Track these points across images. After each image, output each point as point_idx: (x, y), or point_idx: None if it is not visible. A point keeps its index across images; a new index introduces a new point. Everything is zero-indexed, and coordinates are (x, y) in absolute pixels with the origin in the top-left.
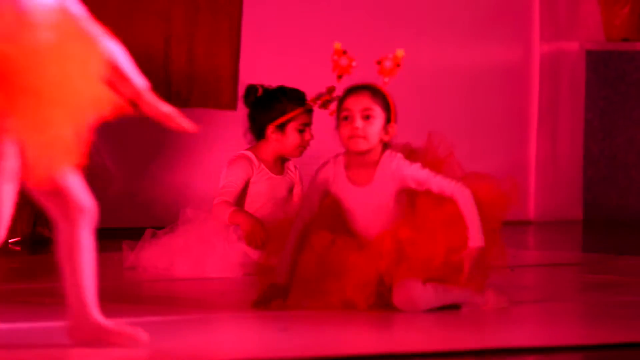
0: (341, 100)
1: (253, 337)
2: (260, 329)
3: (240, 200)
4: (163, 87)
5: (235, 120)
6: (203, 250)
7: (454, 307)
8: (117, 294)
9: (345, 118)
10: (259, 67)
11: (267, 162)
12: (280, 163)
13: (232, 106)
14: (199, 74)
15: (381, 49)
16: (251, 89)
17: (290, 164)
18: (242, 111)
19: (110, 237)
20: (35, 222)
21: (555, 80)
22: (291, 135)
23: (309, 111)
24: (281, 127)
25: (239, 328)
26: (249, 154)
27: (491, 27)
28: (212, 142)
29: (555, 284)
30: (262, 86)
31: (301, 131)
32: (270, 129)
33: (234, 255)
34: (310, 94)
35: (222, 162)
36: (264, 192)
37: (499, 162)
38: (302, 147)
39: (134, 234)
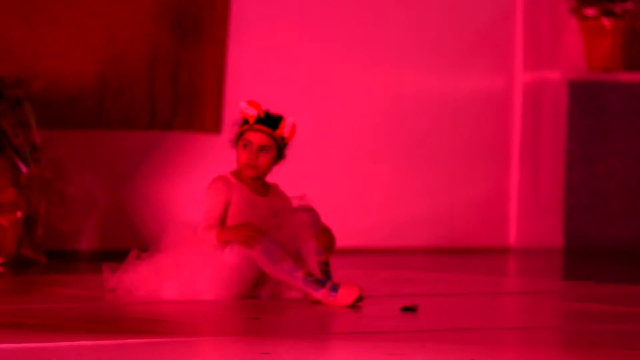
0: None
1: None
2: (242, 353)
3: (222, 222)
4: (147, 109)
5: (218, 144)
6: (193, 272)
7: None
8: (98, 316)
9: None
10: (243, 92)
11: (247, 182)
12: (261, 184)
13: (216, 129)
14: (183, 97)
15: (365, 77)
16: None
17: (279, 188)
18: (225, 135)
19: (91, 259)
20: (20, 244)
21: (537, 109)
22: (238, 150)
23: (271, 137)
24: (236, 143)
25: (221, 351)
26: (226, 174)
27: (474, 56)
28: (195, 165)
29: (536, 311)
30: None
31: (245, 146)
32: (234, 144)
33: (226, 277)
34: (296, 117)
35: (205, 185)
36: (244, 211)
37: (481, 190)
38: (248, 165)
39: (115, 256)
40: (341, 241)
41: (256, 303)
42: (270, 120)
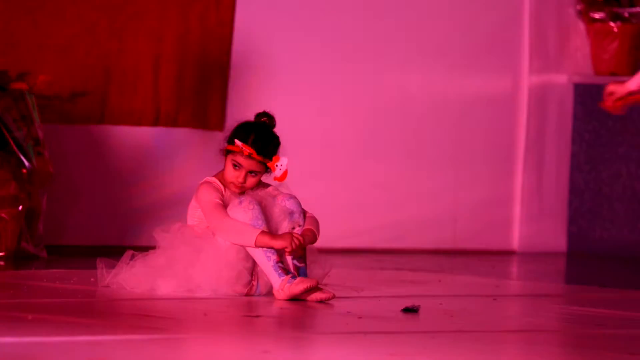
0: None
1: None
2: (242, 351)
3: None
4: (152, 106)
5: (222, 141)
6: (190, 269)
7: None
8: (98, 312)
9: None
10: (247, 89)
11: (231, 189)
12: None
13: (220, 127)
14: (187, 94)
15: (370, 78)
16: (262, 115)
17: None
18: (229, 132)
19: (92, 254)
20: (20, 238)
21: (543, 112)
22: (227, 165)
23: (261, 163)
24: (226, 155)
25: (219, 349)
26: (212, 179)
27: (480, 58)
28: (198, 162)
29: (538, 314)
30: (271, 117)
31: (235, 166)
32: (222, 152)
33: (223, 274)
34: (300, 118)
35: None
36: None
37: (485, 192)
38: (236, 185)
39: (115, 252)
40: (344, 241)
41: (255, 301)
42: (265, 150)
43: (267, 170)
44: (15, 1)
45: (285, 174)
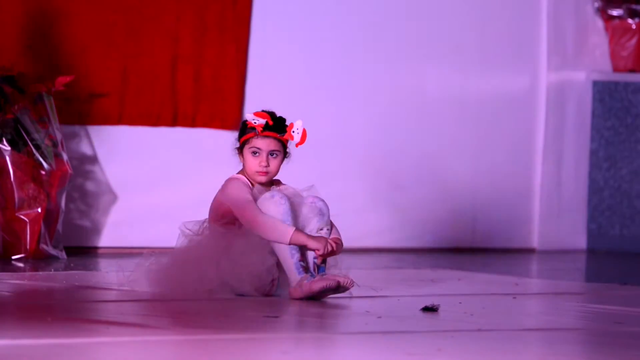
0: None
1: None
2: (261, 352)
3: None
4: (169, 106)
5: (235, 142)
6: (210, 269)
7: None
8: (117, 312)
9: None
10: (265, 89)
11: (255, 184)
12: (268, 184)
13: (238, 127)
14: (205, 94)
15: (388, 76)
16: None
17: (281, 182)
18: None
19: (111, 255)
20: (39, 240)
21: (561, 109)
22: (246, 158)
23: (278, 141)
24: (241, 150)
25: (240, 350)
26: (239, 175)
27: (499, 56)
28: (216, 163)
29: (558, 312)
30: (273, 113)
31: (255, 153)
32: (238, 151)
33: (244, 273)
34: (316, 117)
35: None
36: None
37: (504, 190)
38: (259, 173)
39: (131, 254)
40: (363, 241)
41: (275, 301)
42: (277, 125)
43: (287, 154)
44: (31, 3)
45: (304, 135)
